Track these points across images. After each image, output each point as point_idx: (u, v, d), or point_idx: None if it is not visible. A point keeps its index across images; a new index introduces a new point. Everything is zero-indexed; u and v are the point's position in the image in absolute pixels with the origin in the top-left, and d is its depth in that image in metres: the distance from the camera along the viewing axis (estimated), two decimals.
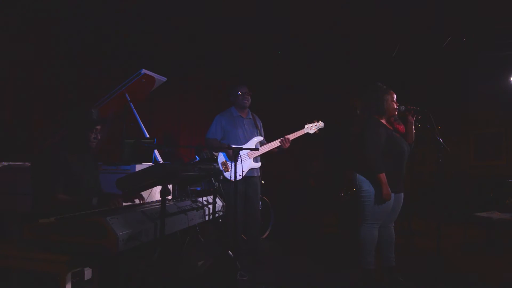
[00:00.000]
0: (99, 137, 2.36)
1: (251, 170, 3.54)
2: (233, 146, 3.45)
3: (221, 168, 3.46)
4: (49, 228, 1.71)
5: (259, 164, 3.59)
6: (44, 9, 3.68)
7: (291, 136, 3.57)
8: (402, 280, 2.99)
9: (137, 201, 2.38)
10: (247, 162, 3.52)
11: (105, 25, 4.26)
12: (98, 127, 2.34)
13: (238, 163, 3.43)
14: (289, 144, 3.55)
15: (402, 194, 3.06)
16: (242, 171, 3.47)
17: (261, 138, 3.66)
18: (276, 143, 3.55)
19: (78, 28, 4.02)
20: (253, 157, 3.54)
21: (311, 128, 3.63)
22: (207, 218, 2.48)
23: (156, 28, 4.70)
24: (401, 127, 3.07)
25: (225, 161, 3.50)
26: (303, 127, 3.66)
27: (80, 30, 4.05)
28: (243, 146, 3.48)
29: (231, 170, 3.41)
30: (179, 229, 2.15)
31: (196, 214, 2.33)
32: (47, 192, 2.12)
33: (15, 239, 2.09)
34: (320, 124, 3.64)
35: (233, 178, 3.36)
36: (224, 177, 3.38)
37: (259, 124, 3.83)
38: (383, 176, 2.82)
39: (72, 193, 2.20)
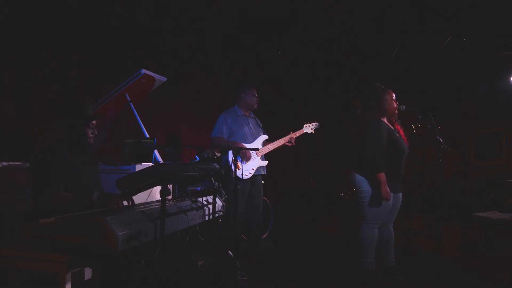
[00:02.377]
0: (96, 133, 2.37)
1: (258, 168, 3.63)
2: (243, 144, 3.54)
3: (231, 166, 3.49)
4: (49, 228, 1.71)
5: (265, 162, 3.69)
6: (44, 8, 3.68)
7: (295, 134, 3.72)
8: (402, 280, 3.00)
9: (125, 202, 2.35)
10: (255, 161, 3.60)
11: (105, 24, 4.26)
12: (94, 122, 2.34)
13: (247, 161, 3.52)
14: (293, 143, 3.70)
15: (400, 194, 3.06)
16: (252, 169, 3.55)
17: (266, 137, 3.77)
18: (281, 141, 3.68)
19: (78, 27, 4.02)
20: (260, 155, 3.61)
21: (309, 127, 3.77)
22: (207, 218, 2.48)
23: (156, 28, 4.70)
24: (400, 129, 3.08)
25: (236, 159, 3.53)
26: (301, 127, 3.78)
27: (80, 30, 4.05)
28: (247, 145, 3.60)
29: (241, 168, 3.49)
30: (179, 229, 2.15)
31: (196, 214, 2.33)
32: (47, 191, 2.12)
33: (15, 239, 2.09)
34: (317, 124, 3.78)
35: (243, 176, 3.48)
36: (235, 175, 3.41)
37: (260, 123, 3.89)
38: (382, 175, 2.82)
39: (72, 192, 2.19)
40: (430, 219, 5.29)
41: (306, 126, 3.76)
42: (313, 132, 3.77)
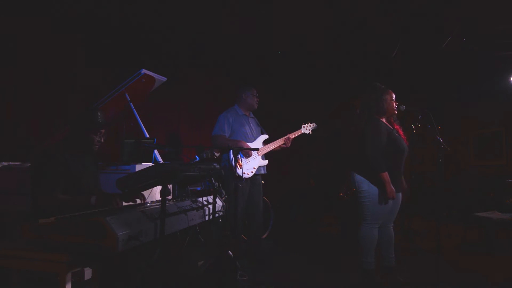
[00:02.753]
0: (102, 140, 2.38)
1: (259, 167, 3.65)
2: (247, 143, 3.56)
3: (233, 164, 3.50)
4: (49, 228, 1.71)
5: (266, 162, 3.72)
6: (44, 8, 3.68)
7: (292, 135, 3.74)
8: (402, 280, 3.00)
9: (138, 200, 2.38)
10: (256, 160, 3.62)
11: (105, 24, 4.26)
12: (103, 130, 2.35)
13: (248, 160, 3.55)
14: (290, 143, 3.71)
15: (400, 194, 3.06)
16: (254, 168, 3.57)
17: (266, 136, 3.79)
18: (280, 142, 3.70)
19: (77, 27, 4.02)
20: (261, 154, 3.63)
21: (307, 128, 3.81)
22: (207, 218, 2.48)
23: (156, 28, 4.70)
24: (399, 129, 3.08)
25: (238, 157, 3.54)
26: (299, 127, 3.81)
27: (79, 30, 4.05)
28: (248, 145, 3.62)
29: (243, 167, 3.52)
30: (179, 229, 2.15)
31: (196, 214, 2.33)
32: (46, 192, 2.12)
33: (15, 239, 2.09)
34: (314, 125, 3.83)
35: (245, 176, 3.52)
36: (237, 174, 3.41)
37: (259, 123, 3.92)
38: (386, 175, 2.82)
39: (72, 193, 2.20)
40: (430, 219, 5.29)
41: (304, 127, 3.80)
42: (310, 132, 3.81)
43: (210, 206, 2.54)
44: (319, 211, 6.08)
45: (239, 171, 3.48)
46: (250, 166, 3.57)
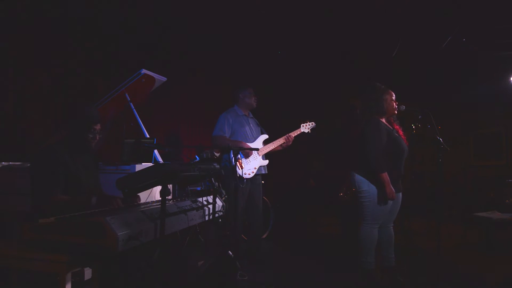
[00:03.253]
0: (97, 138, 2.35)
1: (260, 167, 3.66)
2: (247, 143, 3.57)
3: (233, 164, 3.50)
4: (49, 228, 1.71)
5: (266, 162, 3.72)
6: (44, 8, 3.68)
7: (293, 134, 3.75)
8: (402, 280, 3.00)
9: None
10: (257, 160, 3.63)
11: (105, 25, 4.26)
12: (97, 127, 2.33)
13: (249, 160, 3.56)
14: (291, 142, 3.71)
15: (400, 194, 3.06)
16: (254, 168, 3.59)
17: (266, 136, 3.80)
18: (280, 140, 3.71)
19: (78, 27, 4.02)
20: (262, 154, 3.65)
21: (306, 127, 3.82)
22: (207, 218, 2.48)
23: (156, 28, 4.70)
24: (399, 129, 3.08)
25: (239, 158, 3.54)
26: (299, 127, 3.81)
27: (80, 30, 4.05)
28: (249, 145, 3.62)
29: (244, 167, 3.53)
30: (179, 229, 2.15)
31: (196, 214, 2.33)
32: (45, 192, 2.12)
33: (15, 239, 2.09)
34: (313, 124, 3.83)
35: (246, 176, 3.52)
36: (238, 175, 3.40)
37: (258, 123, 3.93)
38: (385, 175, 2.82)
39: (72, 193, 2.20)
40: (430, 219, 5.29)
41: (303, 126, 3.81)
42: (309, 131, 3.82)
43: (210, 206, 2.54)
44: (319, 211, 6.08)
45: (239, 171, 3.48)
46: (251, 166, 3.58)
